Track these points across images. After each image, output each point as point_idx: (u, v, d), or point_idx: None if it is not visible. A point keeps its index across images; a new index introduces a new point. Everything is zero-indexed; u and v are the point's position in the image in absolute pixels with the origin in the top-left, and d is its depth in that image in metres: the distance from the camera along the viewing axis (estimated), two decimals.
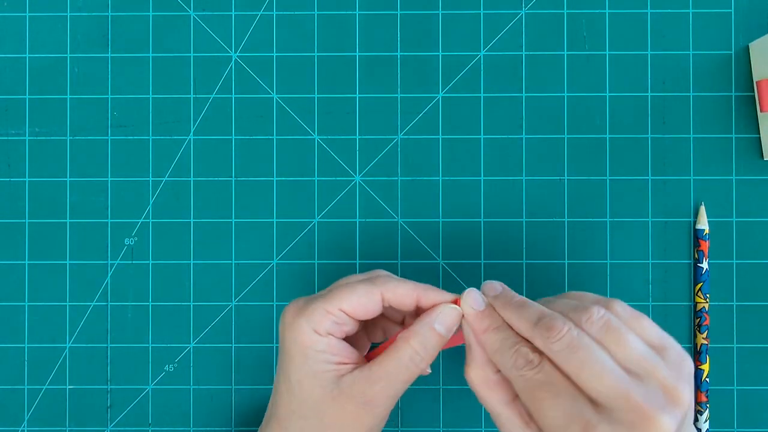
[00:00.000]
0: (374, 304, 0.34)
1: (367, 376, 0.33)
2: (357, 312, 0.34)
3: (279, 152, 0.44)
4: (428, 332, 0.33)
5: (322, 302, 0.33)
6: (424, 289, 0.34)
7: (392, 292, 0.34)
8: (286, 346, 0.34)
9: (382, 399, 0.33)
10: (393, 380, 0.33)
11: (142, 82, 0.44)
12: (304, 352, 0.33)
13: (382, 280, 0.34)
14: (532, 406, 0.30)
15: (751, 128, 0.44)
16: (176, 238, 0.44)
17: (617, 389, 0.29)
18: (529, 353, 0.31)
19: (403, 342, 0.33)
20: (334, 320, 0.33)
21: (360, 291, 0.33)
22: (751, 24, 0.44)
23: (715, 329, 0.43)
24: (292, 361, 0.33)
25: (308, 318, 0.33)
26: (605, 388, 0.29)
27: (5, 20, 0.45)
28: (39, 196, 0.44)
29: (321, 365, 0.33)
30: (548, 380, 0.30)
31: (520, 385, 0.30)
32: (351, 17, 0.44)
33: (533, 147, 0.44)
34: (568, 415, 0.29)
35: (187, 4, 0.45)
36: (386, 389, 0.33)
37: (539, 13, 0.44)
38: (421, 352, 0.33)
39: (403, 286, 0.34)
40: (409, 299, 0.34)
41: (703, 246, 0.43)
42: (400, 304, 0.34)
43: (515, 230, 0.44)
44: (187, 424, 0.44)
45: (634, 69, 0.44)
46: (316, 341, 0.33)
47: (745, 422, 0.43)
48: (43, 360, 0.44)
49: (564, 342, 0.30)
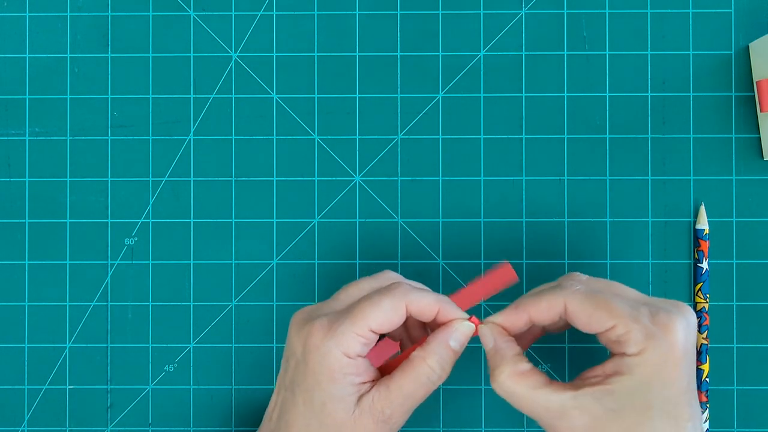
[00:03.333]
0: (400, 318, 0.34)
1: (386, 396, 0.33)
2: (384, 328, 0.33)
3: (279, 152, 0.44)
4: (444, 350, 0.34)
5: (350, 325, 0.33)
6: (444, 302, 0.34)
7: (416, 304, 0.34)
8: (312, 367, 0.33)
9: (399, 415, 0.34)
10: (410, 397, 0.34)
11: (142, 82, 0.44)
12: (332, 375, 0.32)
13: (403, 291, 0.34)
14: (599, 308, 0.32)
15: (751, 128, 0.44)
16: (176, 238, 0.44)
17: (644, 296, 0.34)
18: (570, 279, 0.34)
19: (419, 361, 0.34)
20: (363, 342, 0.33)
21: (386, 306, 0.33)
22: (751, 24, 0.44)
23: (715, 329, 0.43)
24: (318, 384, 0.33)
25: (338, 342, 0.32)
26: (635, 296, 0.33)
27: (5, 20, 0.45)
28: (39, 196, 0.44)
29: (347, 388, 0.33)
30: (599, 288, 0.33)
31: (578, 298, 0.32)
32: (351, 17, 0.44)
33: (533, 147, 0.44)
34: (633, 303, 0.32)
35: (187, 4, 0.45)
36: (403, 406, 0.34)
37: (539, 13, 0.44)
38: (437, 370, 0.34)
39: (425, 299, 0.34)
40: (430, 311, 0.34)
41: (703, 246, 0.43)
42: (420, 315, 0.34)
43: (515, 230, 0.44)
44: (187, 424, 0.44)
45: (634, 69, 0.44)
46: (346, 365, 0.33)
47: (745, 422, 0.43)
48: (43, 360, 0.44)
49: (584, 276, 0.35)
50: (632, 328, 0.31)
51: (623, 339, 0.31)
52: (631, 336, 0.31)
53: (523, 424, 0.43)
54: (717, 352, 0.43)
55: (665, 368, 0.31)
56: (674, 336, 0.31)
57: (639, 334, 0.31)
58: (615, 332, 0.31)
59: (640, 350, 0.31)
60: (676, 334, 0.31)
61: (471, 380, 0.44)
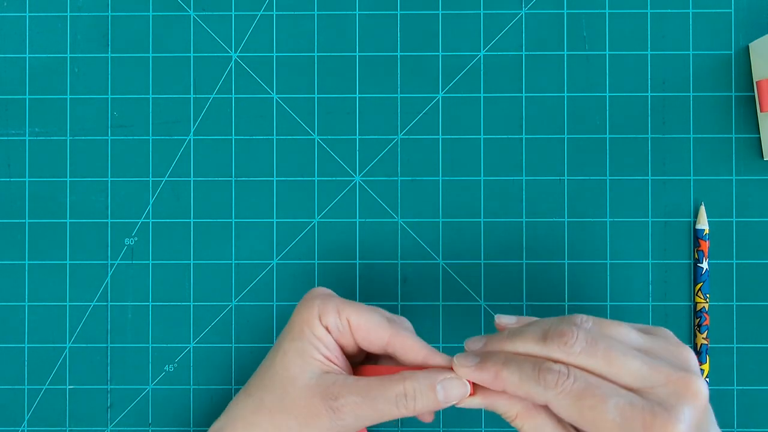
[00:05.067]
0: (377, 338, 0.34)
1: (348, 385, 0.32)
2: (359, 332, 0.34)
3: (279, 152, 0.44)
4: (427, 389, 0.32)
5: (338, 302, 0.34)
6: (434, 352, 0.33)
7: (402, 341, 0.34)
8: (292, 318, 0.35)
9: (348, 413, 0.32)
10: (368, 404, 0.32)
11: (142, 82, 0.44)
12: (303, 328, 0.34)
13: (397, 326, 0.34)
14: (584, 420, 0.29)
15: (751, 128, 0.44)
16: (176, 238, 0.44)
17: (647, 366, 0.29)
18: (554, 366, 0.29)
19: (399, 379, 0.32)
20: (337, 322, 0.34)
21: (375, 319, 0.34)
22: (751, 24, 0.44)
23: (715, 329, 0.43)
24: (289, 332, 0.34)
25: (321, 303, 0.34)
26: (637, 369, 0.29)
27: (5, 20, 0.45)
28: (39, 196, 0.44)
29: (311, 349, 0.33)
30: (587, 384, 0.29)
31: (563, 403, 0.29)
32: (351, 17, 0.44)
33: (533, 147, 0.44)
34: (622, 410, 0.28)
35: (187, 4, 0.45)
36: (357, 407, 0.32)
37: (539, 13, 0.44)
38: (409, 400, 0.32)
39: (412, 341, 0.34)
40: (415, 355, 0.34)
41: (703, 246, 0.43)
42: (404, 354, 0.34)
43: (515, 230, 0.44)
44: (187, 424, 0.44)
45: (634, 69, 0.44)
46: (316, 325, 0.34)
47: (745, 422, 0.43)
48: (43, 360, 0.44)
49: (582, 339, 0.30)
50: None
51: None
52: None
53: None
54: (717, 352, 0.43)
55: None
56: None
57: None
58: None
59: None
60: None
61: None
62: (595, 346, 0.29)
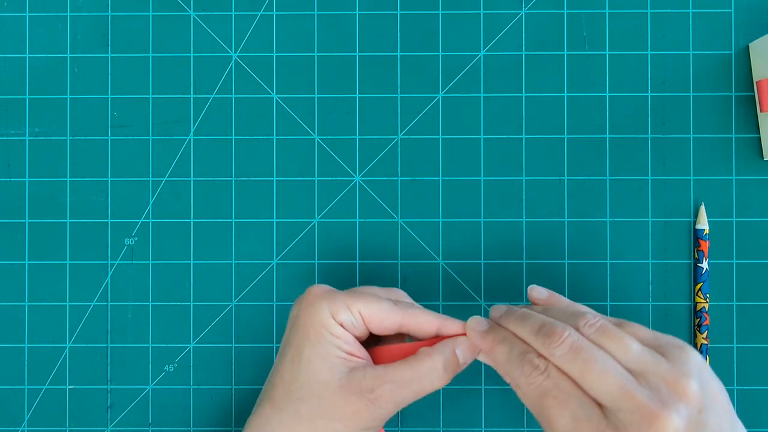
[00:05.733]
0: (391, 323, 0.34)
1: (380, 375, 0.33)
2: (372, 323, 0.34)
3: (279, 152, 0.44)
4: (451, 355, 0.34)
5: (344, 296, 0.34)
6: (445, 319, 0.35)
7: (414, 319, 0.35)
8: (302, 323, 0.34)
9: (387, 401, 0.33)
10: (404, 387, 0.33)
11: (142, 82, 0.44)
12: (320, 332, 0.33)
13: (404, 305, 0.35)
14: (541, 416, 0.31)
15: (751, 128, 0.44)
16: (176, 238, 0.44)
17: (621, 388, 0.29)
18: (535, 359, 0.31)
19: (425, 356, 0.34)
20: (350, 317, 0.34)
21: (384, 306, 0.34)
22: (751, 24, 0.44)
23: (715, 329, 0.43)
24: (306, 339, 0.34)
25: (329, 302, 0.34)
26: (609, 388, 0.29)
27: (5, 20, 0.45)
28: (39, 196, 0.44)
29: (334, 349, 0.33)
30: (555, 385, 0.30)
31: (530, 393, 0.31)
32: (351, 17, 0.44)
33: (533, 147, 0.44)
34: (576, 420, 0.29)
35: (187, 4, 0.45)
36: (394, 393, 0.33)
37: (539, 13, 0.44)
38: (440, 371, 0.34)
39: (424, 315, 0.35)
40: (429, 327, 0.35)
41: (703, 246, 0.43)
42: (419, 331, 0.35)
43: (515, 230, 0.44)
44: (187, 424, 0.44)
45: (634, 69, 0.44)
46: (332, 325, 0.33)
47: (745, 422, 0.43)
48: (43, 360, 0.44)
49: (566, 345, 0.31)
50: None
51: None
52: None
53: (523, 424, 0.43)
54: (717, 352, 0.43)
55: None
56: None
57: None
58: None
59: None
60: None
61: (471, 380, 0.44)
62: (576, 355, 0.30)
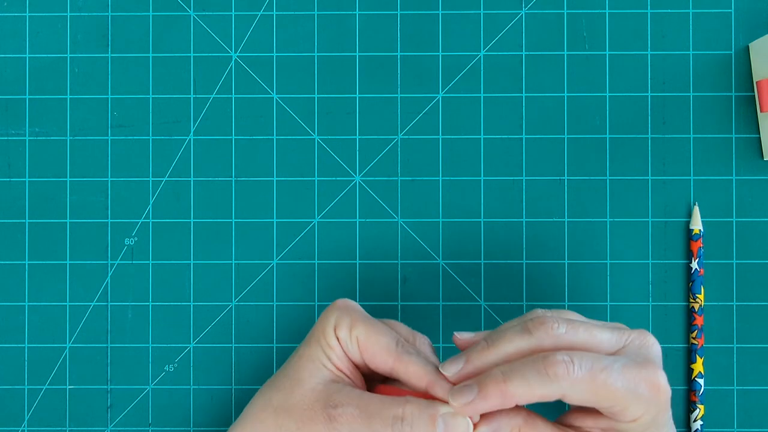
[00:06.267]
0: (383, 362, 0.33)
1: (350, 395, 0.32)
2: (366, 353, 0.33)
3: (279, 152, 0.44)
4: (428, 419, 0.31)
5: (354, 318, 0.34)
6: (437, 382, 0.32)
7: (405, 368, 0.33)
8: (313, 327, 0.35)
9: (345, 424, 0.32)
10: (365, 420, 0.31)
11: (142, 82, 0.44)
12: (318, 336, 0.34)
13: (404, 351, 0.33)
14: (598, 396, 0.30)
15: (751, 128, 0.44)
16: (176, 238, 0.44)
17: (611, 330, 0.32)
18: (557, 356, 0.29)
19: (401, 402, 0.32)
20: (347, 338, 0.34)
21: (383, 343, 0.33)
22: (751, 24, 0.44)
23: (715, 329, 0.43)
24: (308, 339, 0.35)
25: (339, 316, 0.34)
26: (609, 335, 0.32)
27: (5, 20, 0.45)
28: (39, 196, 0.44)
29: (323, 357, 0.34)
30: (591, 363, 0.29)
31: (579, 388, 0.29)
32: (351, 17, 0.44)
33: (533, 147, 0.44)
34: (625, 372, 0.30)
35: (187, 4, 0.45)
36: (354, 420, 0.32)
37: (539, 13, 0.44)
38: (405, 425, 0.31)
39: (416, 367, 0.32)
40: (418, 382, 0.32)
41: (693, 246, 0.43)
42: (408, 381, 0.33)
43: (515, 230, 0.44)
44: (187, 424, 0.44)
45: (634, 69, 0.44)
46: (330, 335, 0.34)
47: (745, 422, 0.43)
48: (43, 360, 0.44)
49: (562, 321, 0.31)
50: (630, 404, 0.30)
51: (618, 411, 0.31)
52: (628, 411, 0.30)
53: None
54: (716, 353, 0.43)
55: (657, 420, 0.31)
56: (665, 395, 0.31)
57: (637, 408, 0.30)
58: (611, 409, 0.31)
59: (636, 418, 0.31)
60: (666, 392, 0.31)
61: None
62: (573, 325, 0.31)
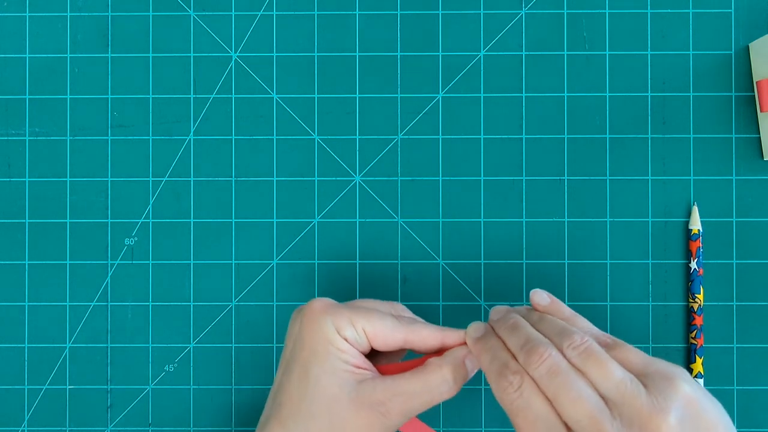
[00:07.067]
0: (395, 340, 0.34)
1: (390, 387, 0.33)
2: (376, 340, 0.34)
3: (279, 152, 0.44)
4: (460, 365, 0.34)
5: (348, 312, 0.34)
6: (446, 330, 0.35)
7: (417, 334, 0.35)
8: (307, 340, 0.34)
9: (397, 413, 0.33)
10: (414, 398, 0.33)
11: (142, 82, 0.44)
12: (327, 348, 0.33)
13: (406, 321, 0.35)
14: (515, 425, 0.31)
15: (751, 128, 0.44)
16: (176, 238, 0.44)
17: (591, 418, 0.29)
18: (510, 375, 0.31)
19: (435, 367, 0.34)
20: (354, 334, 0.34)
21: (388, 323, 0.34)
22: (751, 24, 0.44)
23: (715, 329, 0.43)
24: (314, 356, 0.33)
25: (333, 318, 0.33)
26: (579, 416, 0.29)
27: (5, 20, 0.45)
28: (39, 196, 0.44)
29: (341, 364, 0.33)
30: (527, 405, 0.30)
31: (503, 404, 0.31)
32: (351, 17, 0.44)
33: (533, 147, 0.44)
34: None
35: (187, 4, 0.45)
36: (405, 404, 0.33)
37: (539, 13, 0.44)
38: (450, 381, 0.34)
39: (426, 330, 0.35)
40: (433, 341, 0.35)
41: (692, 246, 0.43)
42: (422, 345, 0.35)
43: (515, 230, 0.44)
44: (187, 424, 0.44)
45: (634, 69, 0.44)
46: (338, 340, 0.33)
47: (745, 422, 0.43)
48: (43, 360, 0.44)
49: (545, 366, 0.30)
50: None
51: None
52: None
53: None
54: (716, 353, 0.43)
55: None
56: None
57: None
58: None
59: None
60: None
61: (471, 380, 0.44)
62: (552, 378, 0.30)
